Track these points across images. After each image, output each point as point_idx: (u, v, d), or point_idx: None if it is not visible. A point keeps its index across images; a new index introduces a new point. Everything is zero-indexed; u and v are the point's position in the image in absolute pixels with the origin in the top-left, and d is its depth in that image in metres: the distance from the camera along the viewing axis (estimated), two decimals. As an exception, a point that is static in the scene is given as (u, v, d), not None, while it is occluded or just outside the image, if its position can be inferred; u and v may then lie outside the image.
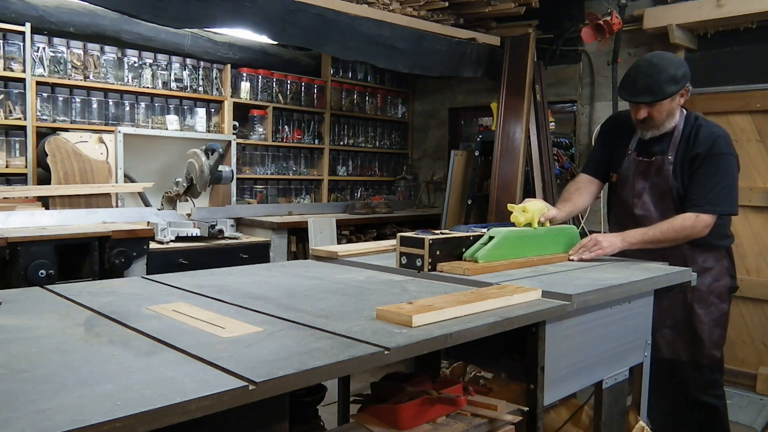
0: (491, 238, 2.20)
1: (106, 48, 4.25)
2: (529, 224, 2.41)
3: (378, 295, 1.80)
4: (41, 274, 3.00)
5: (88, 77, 4.19)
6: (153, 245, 3.58)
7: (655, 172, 2.58)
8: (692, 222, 2.41)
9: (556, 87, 5.10)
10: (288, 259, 4.31)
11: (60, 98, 4.07)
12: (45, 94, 4.00)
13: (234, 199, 4.71)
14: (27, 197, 3.64)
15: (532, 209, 2.42)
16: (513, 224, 2.42)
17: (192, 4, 3.02)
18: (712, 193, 2.43)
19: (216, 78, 4.85)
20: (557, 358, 1.80)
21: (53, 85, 4.03)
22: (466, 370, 2.55)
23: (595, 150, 2.93)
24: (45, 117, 3.99)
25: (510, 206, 2.47)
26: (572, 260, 2.37)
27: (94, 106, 4.21)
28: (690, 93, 2.54)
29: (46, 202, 3.68)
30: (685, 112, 2.60)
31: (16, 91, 3.85)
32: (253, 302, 1.67)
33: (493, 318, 1.54)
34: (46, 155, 3.75)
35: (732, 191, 2.47)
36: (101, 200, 3.90)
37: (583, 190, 2.78)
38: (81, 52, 4.15)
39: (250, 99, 5.05)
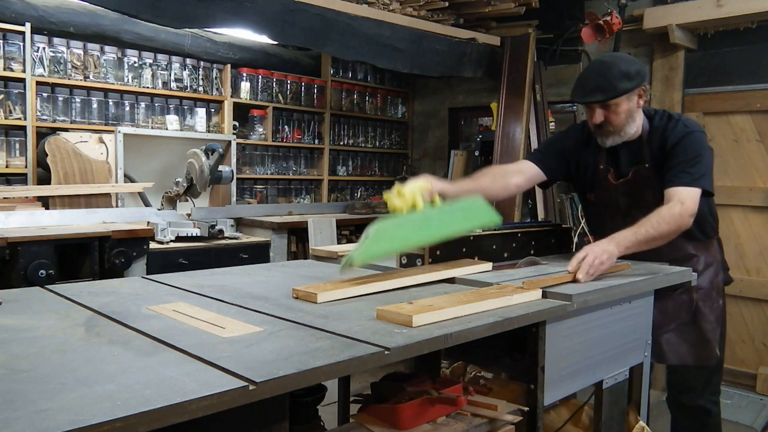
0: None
1: (106, 48, 4.25)
2: (414, 207, 1.99)
3: (378, 295, 1.80)
4: (41, 274, 3.00)
5: (88, 77, 4.19)
6: (153, 245, 3.58)
7: (636, 188, 2.39)
8: (679, 209, 2.16)
9: (556, 87, 5.10)
10: (288, 259, 4.31)
11: (60, 98, 4.07)
12: (45, 94, 4.00)
13: (234, 199, 4.71)
14: (27, 197, 3.64)
15: (407, 191, 2.00)
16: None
17: (192, 4, 3.02)
18: (693, 168, 2.20)
19: (216, 78, 4.85)
20: (557, 358, 1.80)
21: (53, 85, 4.03)
22: (466, 370, 2.55)
23: (556, 141, 2.65)
24: (45, 117, 3.99)
25: (385, 196, 2.04)
26: (579, 281, 1.96)
27: (94, 106, 4.21)
28: (649, 94, 2.33)
29: (46, 202, 3.68)
30: (646, 114, 2.39)
31: (16, 91, 3.86)
32: (254, 302, 1.67)
33: (493, 318, 1.54)
34: (46, 155, 3.75)
35: (709, 169, 2.24)
36: (101, 200, 3.90)
37: (509, 176, 2.43)
38: (81, 52, 4.16)
39: (250, 99, 5.05)
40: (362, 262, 1.83)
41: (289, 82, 5.32)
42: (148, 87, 4.46)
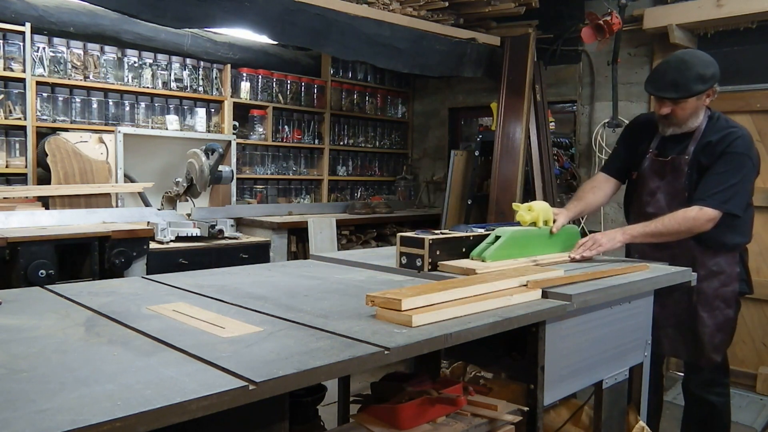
0: (498, 237, 2.23)
1: (106, 48, 4.25)
2: (534, 223, 2.43)
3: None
4: (41, 274, 3.00)
5: (88, 77, 4.19)
6: (153, 245, 3.58)
7: (670, 171, 2.57)
8: (695, 214, 2.37)
9: (556, 87, 5.10)
10: (288, 259, 4.31)
11: (60, 98, 4.07)
12: (45, 94, 3.99)
13: (234, 199, 4.71)
14: (27, 197, 3.63)
15: (537, 208, 2.44)
16: (518, 224, 2.44)
17: (192, 4, 3.01)
18: (720, 188, 2.39)
19: (216, 78, 4.85)
20: (557, 358, 1.80)
21: (53, 85, 4.03)
22: (466, 370, 2.55)
23: (616, 150, 2.92)
24: (45, 117, 3.99)
25: (515, 205, 2.49)
26: (574, 259, 2.35)
27: (94, 106, 4.21)
28: (717, 94, 2.50)
29: (46, 202, 3.68)
30: (709, 112, 2.56)
31: (16, 91, 3.85)
32: (254, 302, 1.68)
33: (493, 318, 1.54)
34: (46, 155, 3.74)
35: (740, 192, 2.41)
36: (101, 200, 3.90)
37: (598, 189, 2.77)
38: (81, 52, 4.15)
39: (250, 99, 5.04)
40: (493, 260, 2.15)
41: (289, 82, 5.32)
42: (148, 87, 4.46)
